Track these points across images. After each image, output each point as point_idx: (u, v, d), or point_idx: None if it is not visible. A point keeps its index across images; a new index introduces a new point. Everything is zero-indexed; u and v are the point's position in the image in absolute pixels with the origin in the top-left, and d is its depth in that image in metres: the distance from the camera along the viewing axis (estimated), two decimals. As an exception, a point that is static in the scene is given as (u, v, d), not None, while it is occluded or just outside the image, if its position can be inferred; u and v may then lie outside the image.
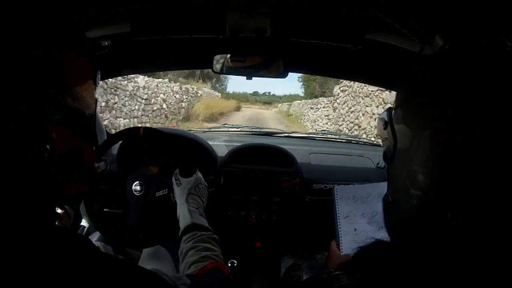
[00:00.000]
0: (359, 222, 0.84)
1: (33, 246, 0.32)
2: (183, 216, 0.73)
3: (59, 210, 0.75)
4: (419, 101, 0.35)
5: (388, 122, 0.40)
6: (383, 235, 0.44)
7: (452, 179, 0.31)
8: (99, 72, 0.43)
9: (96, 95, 0.43)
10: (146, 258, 0.98)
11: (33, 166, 0.32)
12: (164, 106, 9.19)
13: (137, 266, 0.42)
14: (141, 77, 7.88)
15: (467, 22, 0.57)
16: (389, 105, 0.49)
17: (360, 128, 7.49)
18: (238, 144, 1.24)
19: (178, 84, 10.95)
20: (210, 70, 1.02)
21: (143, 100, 7.95)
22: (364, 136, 6.27)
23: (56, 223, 0.41)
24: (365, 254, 0.42)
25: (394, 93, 0.61)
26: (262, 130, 1.66)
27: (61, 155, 0.35)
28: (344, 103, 9.09)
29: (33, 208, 0.34)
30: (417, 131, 0.34)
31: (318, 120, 12.49)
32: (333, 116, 10.31)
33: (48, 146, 0.32)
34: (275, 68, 1.00)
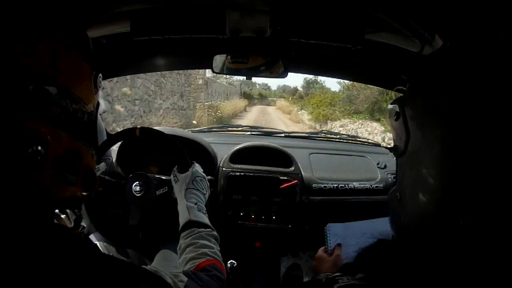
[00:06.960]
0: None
1: (29, 245, 0.32)
2: (182, 212, 0.73)
3: (62, 215, 0.75)
4: (430, 101, 0.34)
5: (400, 113, 0.38)
6: None
7: (463, 182, 0.30)
8: (100, 75, 0.42)
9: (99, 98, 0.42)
10: (157, 262, 0.97)
11: (26, 168, 0.31)
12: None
13: (136, 266, 0.42)
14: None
15: (466, 22, 0.57)
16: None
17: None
18: (238, 144, 1.24)
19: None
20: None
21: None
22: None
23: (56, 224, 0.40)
24: (365, 255, 0.42)
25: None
26: (262, 130, 1.65)
27: (57, 158, 0.34)
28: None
29: (27, 209, 0.34)
30: (428, 130, 0.33)
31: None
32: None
33: (41, 148, 0.31)
34: (275, 68, 1.00)
